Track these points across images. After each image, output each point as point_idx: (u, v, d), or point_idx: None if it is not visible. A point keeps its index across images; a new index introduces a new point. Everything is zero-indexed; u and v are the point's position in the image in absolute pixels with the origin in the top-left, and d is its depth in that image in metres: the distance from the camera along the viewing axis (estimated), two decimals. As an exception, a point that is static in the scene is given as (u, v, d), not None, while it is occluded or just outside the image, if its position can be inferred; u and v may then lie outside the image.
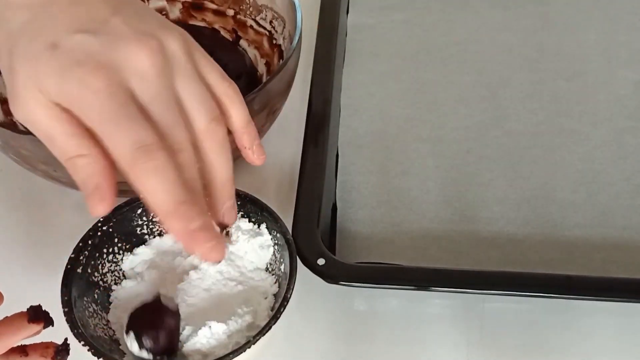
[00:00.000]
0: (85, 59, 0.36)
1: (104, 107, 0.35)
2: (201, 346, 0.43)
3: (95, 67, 0.36)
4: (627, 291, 0.47)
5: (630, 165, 0.57)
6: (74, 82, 0.36)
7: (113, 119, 0.36)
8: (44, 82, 0.36)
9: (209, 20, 0.66)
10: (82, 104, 0.36)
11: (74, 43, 0.36)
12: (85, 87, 0.36)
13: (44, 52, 0.36)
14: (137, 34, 0.38)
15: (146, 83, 0.37)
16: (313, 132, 0.57)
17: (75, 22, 0.37)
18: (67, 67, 0.36)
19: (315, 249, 0.49)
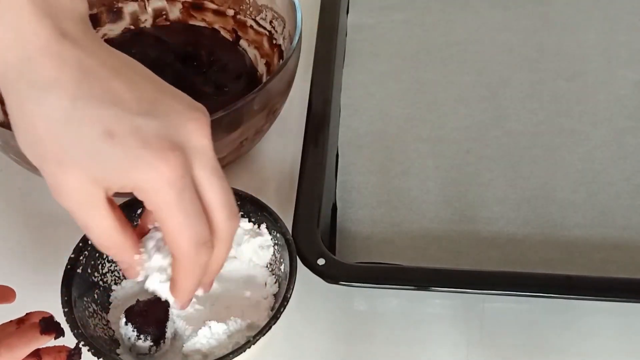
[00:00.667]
0: (151, 142, 0.34)
1: (177, 201, 0.35)
2: (201, 346, 0.43)
3: (165, 150, 0.35)
4: (627, 291, 0.47)
5: (630, 165, 0.57)
6: (144, 169, 0.34)
7: (184, 214, 0.36)
8: (106, 174, 0.35)
9: (209, 20, 0.66)
10: (151, 192, 0.35)
11: (131, 128, 0.34)
12: (158, 175, 0.35)
13: (101, 142, 0.34)
14: (187, 109, 0.37)
15: (207, 159, 0.36)
16: (313, 132, 0.57)
17: (123, 103, 0.35)
18: (133, 155, 0.34)
19: (315, 249, 0.49)
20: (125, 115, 0.34)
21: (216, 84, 0.62)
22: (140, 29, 0.67)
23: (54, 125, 0.34)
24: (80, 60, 0.35)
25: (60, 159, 0.35)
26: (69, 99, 0.34)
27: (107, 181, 0.35)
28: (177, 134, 0.35)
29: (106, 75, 0.35)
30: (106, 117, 0.34)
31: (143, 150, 0.34)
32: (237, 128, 0.51)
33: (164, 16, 0.67)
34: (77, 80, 0.34)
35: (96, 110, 0.34)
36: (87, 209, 0.36)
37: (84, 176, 0.35)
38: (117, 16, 0.67)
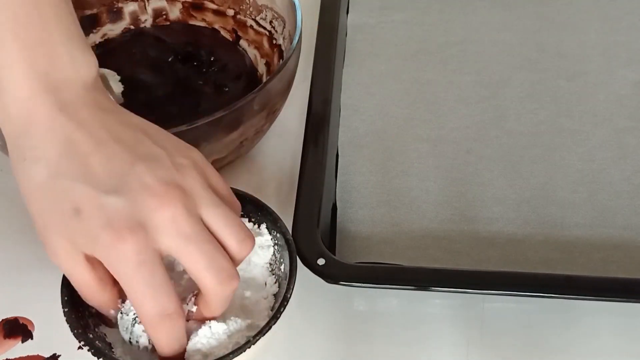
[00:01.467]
0: (112, 222, 0.37)
1: (134, 276, 0.38)
2: (201, 346, 0.43)
3: (123, 230, 0.37)
4: (627, 291, 0.47)
5: (630, 165, 0.57)
6: (103, 247, 0.37)
7: (141, 286, 0.38)
8: (75, 241, 0.38)
9: (209, 20, 0.66)
10: (112, 266, 0.38)
11: (96, 206, 0.37)
12: (115, 253, 0.37)
13: (69, 217, 0.38)
14: (156, 183, 0.38)
15: (176, 229, 0.38)
16: (313, 132, 0.57)
17: (94, 179, 0.38)
18: (94, 233, 0.37)
19: (315, 249, 0.49)
20: (93, 193, 0.37)
21: (216, 84, 0.62)
22: (140, 29, 0.67)
23: (38, 194, 0.39)
24: (68, 134, 0.38)
25: (44, 221, 0.39)
26: (49, 175, 0.38)
27: (79, 248, 0.38)
28: (139, 211, 0.38)
29: (87, 150, 0.38)
30: (76, 194, 0.38)
31: (103, 230, 0.37)
32: (237, 128, 0.51)
33: (164, 16, 0.67)
34: (59, 156, 0.38)
35: (68, 186, 0.38)
36: (69, 265, 0.39)
37: (61, 239, 0.38)
38: (117, 16, 0.67)
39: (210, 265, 0.39)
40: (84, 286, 0.40)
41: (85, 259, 0.39)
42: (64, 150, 0.38)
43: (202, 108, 0.60)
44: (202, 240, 0.39)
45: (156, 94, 0.61)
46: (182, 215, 0.38)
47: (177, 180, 0.39)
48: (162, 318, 0.39)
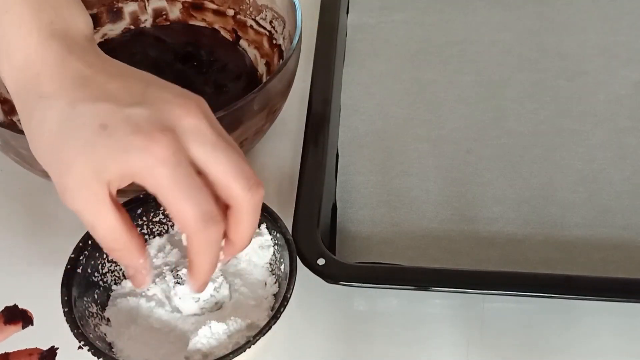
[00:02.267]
0: (141, 128, 0.36)
1: (173, 177, 0.36)
2: (201, 346, 0.43)
3: (155, 133, 0.36)
4: (627, 291, 0.47)
5: (630, 165, 0.57)
6: (136, 153, 0.36)
7: (182, 189, 0.37)
8: (104, 164, 0.36)
9: (209, 20, 0.66)
10: (147, 174, 0.36)
11: (122, 118, 0.37)
12: (150, 156, 0.36)
13: (96, 136, 0.36)
14: (176, 97, 0.38)
15: (203, 136, 0.38)
16: (313, 132, 0.57)
17: (115, 99, 0.37)
18: (125, 141, 0.36)
19: (315, 249, 0.49)
20: (117, 109, 0.37)
21: (216, 84, 0.62)
22: (140, 29, 0.67)
23: (56, 127, 0.37)
24: (81, 71, 0.39)
25: (63, 159, 0.37)
26: (68, 102, 0.37)
27: (107, 173, 0.36)
28: (167, 118, 0.37)
29: (102, 80, 0.38)
30: (100, 112, 0.37)
31: (133, 136, 0.36)
32: (237, 128, 0.51)
33: (164, 16, 0.67)
34: (76, 87, 0.38)
35: (91, 108, 0.37)
36: (92, 207, 0.37)
37: (86, 172, 0.37)
38: (117, 16, 0.67)
39: (238, 172, 0.38)
40: (110, 231, 0.38)
41: (111, 200, 0.37)
42: (79, 82, 0.38)
43: (202, 108, 0.60)
44: (227, 147, 0.38)
45: (156, 94, 0.61)
46: (206, 123, 0.38)
47: (194, 98, 0.39)
48: (206, 222, 0.37)
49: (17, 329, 0.37)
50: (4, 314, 0.37)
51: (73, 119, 0.37)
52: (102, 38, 0.66)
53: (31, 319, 0.38)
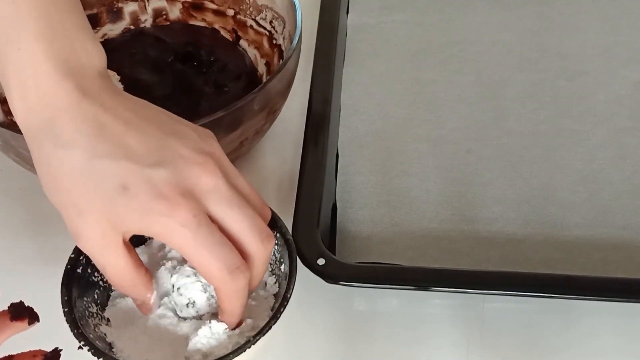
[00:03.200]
0: (163, 192, 0.38)
1: (195, 238, 0.38)
2: (201, 346, 0.43)
3: (176, 197, 0.38)
4: (627, 291, 0.47)
5: (630, 165, 0.57)
6: (159, 217, 0.38)
7: (206, 247, 0.38)
8: (123, 222, 0.38)
9: (209, 20, 0.66)
10: (170, 236, 0.39)
11: (143, 179, 0.38)
12: (173, 221, 0.38)
13: (117, 196, 0.38)
14: (194, 153, 0.40)
15: (220, 195, 0.39)
16: (313, 132, 0.57)
17: (134, 157, 0.38)
18: (146, 206, 0.38)
19: (315, 249, 0.49)
20: (137, 168, 0.38)
21: (216, 84, 0.62)
22: (140, 29, 0.67)
23: (75, 179, 0.38)
24: (97, 117, 0.38)
25: (81, 208, 0.38)
26: (87, 157, 0.38)
27: (125, 228, 0.39)
28: (186, 177, 0.39)
29: (120, 130, 0.39)
30: (120, 171, 0.38)
31: (156, 201, 0.38)
32: (237, 128, 0.51)
33: (164, 16, 0.67)
34: (93, 138, 0.38)
35: (111, 165, 0.38)
36: (104, 251, 0.39)
37: (104, 224, 0.38)
38: (117, 16, 0.67)
39: (253, 227, 0.40)
40: (120, 272, 0.40)
41: (123, 245, 0.39)
42: (96, 132, 0.38)
43: (202, 108, 0.60)
44: (242, 204, 0.40)
45: (156, 94, 0.61)
46: (223, 181, 0.39)
47: (208, 151, 0.40)
48: (232, 272, 0.39)
49: (24, 326, 0.37)
50: (10, 310, 0.37)
51: (93, 174, 0.38)
52: (102, 38, 0.66)
53: (37, 316, 0.38)
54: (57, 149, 0.38)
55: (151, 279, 0.43)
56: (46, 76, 0.38)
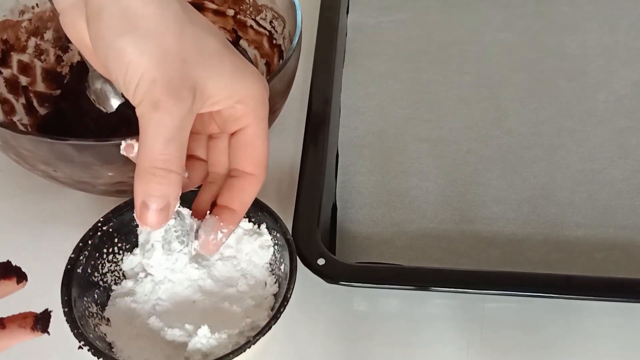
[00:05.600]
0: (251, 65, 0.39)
1: (265, 118, 0.40)
2: (201, 346, 0.43)
3: (260, 74, 0.40)
4: (627, 291, 0.47)
5: (630, 165, 0.57)
6: (253, 83, 0.39)
7: (266, 132, 0.41)
8: (217, 81, 0.37)
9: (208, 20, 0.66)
10: (253, 104, 0.39)
11: (234, 49, 0.39)
12: (261, 91, 0.39)
13: (218, 54, 0.37)
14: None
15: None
16: (313, 132, 0.57)
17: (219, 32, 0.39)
18: (243, 68, 0.38)
19: (315, 249, 0.49)
20: (226, 40, 0.38)
21: (216, 84, 0.62)
22: (140, 29, 0.67)
23: (170, 18, 0.35)
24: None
25: (184, 57, 0.35)
26: (181, 24, 0.36)
27: (211, 87, 0.36)
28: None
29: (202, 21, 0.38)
30: (216, 34, 0.38)
31: (251, 70, 0.38)
32: (237, 128, 0.51)
33: (164, 16, 0.67)
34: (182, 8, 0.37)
35: (206, 26, 0.37)
36: (180, 109, 0.35)
37: (190, 75, 0.36)
38: (117, 16, 0.67)
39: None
40: (178, 142, 0.36)
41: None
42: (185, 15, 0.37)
43: (202, 108, 0.60)
44: None
45: (156, 94, 0.61)
46: None
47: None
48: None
49: (13, 286, 0.36)
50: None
51: (192, 32, 0.36)
52: (102, 38, 0.66)
53: (25, 275, 0.37)
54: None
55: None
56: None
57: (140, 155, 0.36)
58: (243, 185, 0.40)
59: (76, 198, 0.57)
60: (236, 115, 0.38)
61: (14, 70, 0.60)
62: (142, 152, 0.35)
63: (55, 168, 0.50)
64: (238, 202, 0.40)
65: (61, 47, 0.64)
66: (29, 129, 0.59)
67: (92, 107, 0.60)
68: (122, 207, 0.48)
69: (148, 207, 0.37)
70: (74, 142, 0.48)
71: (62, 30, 0.63)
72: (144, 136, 0.35)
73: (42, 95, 0.62)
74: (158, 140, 0.35)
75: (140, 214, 0.37)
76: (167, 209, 0.37)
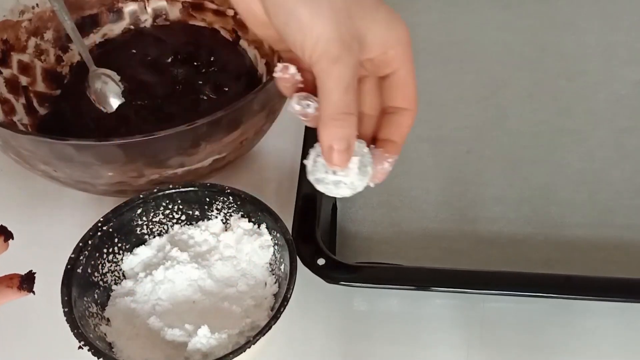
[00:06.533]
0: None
1: (412, 57, 0.43)
2: (201, 346, 0.43)
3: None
4: (627, 291, 0.47)
5: (630, 165, 0.57)
6: (404, 28, 0.43)
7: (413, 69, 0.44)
8: (377, 31, 0.41)
9: (209, 20, 0.66)
10: (404, 47, 0.43)
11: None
12: (408, 34, 0.43)
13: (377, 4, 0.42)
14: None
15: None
16: (313, 132, 0.57)
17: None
18: (395, 16, 0.42)
19: (315, 249, 0.49)
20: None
21: (216, 84, 0.62)
22: (140, 29, 0.67)
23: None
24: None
25: (349, 12, 0.39)
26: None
27: (369, 38, 0.40)
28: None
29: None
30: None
31: (397, 15, 0.42)
32: (237, 128, 0.51)
33: (164, 16, 0.67)
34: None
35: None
36: (352, 58, 0.39)
37: (354, 28, 0.39)
38: (117, 16, 0.67)
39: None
40: (353, 87, 0.40)
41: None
42: None
43: (202, 108, 0.60)
44: None
45: (156, 94, 0.61)
46: None
47: None
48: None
49: (0, 245, 0.38)
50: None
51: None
52: (102, 38, 0.66)
53: (11, 234, 0.39)
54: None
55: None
56: None
57: (323, 106, 0.40)
58: (400, 120, 0.44)
59: (76, 198, 0.57)
60: (387, 60, 0.42)
61: (14, 70, 0.60)
62: (325, 102, 0.40)
63: (55, 168, 0.50)
64: (398, 135, 0.44)
65: (61, 47, 0.64)
66: (29, 129, 0.59)
67: (92, 107, 0.60)
68: (122, 207, 0.48)
69: (334, 149, 0.41)
70: (74, 142, 0.48)
71: (62, 30, 0.63)
72: (325, 88, 0.39)
73: (42, 95, 0.62)
74: (339, 89, 0.39)
75: (328, 157, 0.41)
76: (350, 148, 0.42)
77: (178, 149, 0.50)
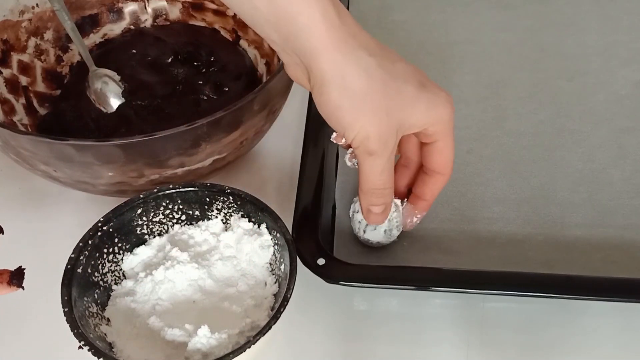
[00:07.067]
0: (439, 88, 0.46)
1: (452, 131, 0.47)
2: (201, 346, 0.43)
3: (450, 99, 0.46)
4: (627, 291, 0.47)
5: (630, 165, 0.57)
6: (444, 106, 0.45)
7: (452, 143, 0.47)
8: (413, 115, 0.44)
9: (209, 20, 0.66)
10: (445, 124, 0.46)
11: (427, 79, 0.46)
12: (450, 111, 0.46)
13: (417, 91, 0.44)
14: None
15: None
16: (313, 132, 0.57)
17: (409, 63, 0.46)
18: (437, 96, 0.45)
19: (315, 249, 0.49)
20: (419, 71, 0.45)
21: (216, 84, 0.62)
22: (140, 29, 0.67)
23: (376, 81, 0.43)
24: (368, 43, 0.44)
25: (388, 110, 0.43)
26: (383, 60, 0.44)
27: (409, 123, 0.44)
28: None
29: (388, 55, 0.45)
30: (411, 72, 0.45)
31: (441, 97, 0.45)
32: (237, 128, 0.51)
33: (164, 16, 0.67)
34: (377, 50, 0.44)
35: (407, 67, 0.45)
36: (387, 151, 0.44)
37: (392, 123, 0.43)
38: (117, 16, 0.67)
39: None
40: (390, 168, 0.45)
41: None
42: (377, 49, 0.44)
43: (202, 108, 0.60)
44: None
45: (156, 94, 0.61)
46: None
47: None
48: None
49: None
50: None
51: (392, 77, 0.43)
52: (102, 38, 0.66)
53: (1, 228, 0.40)
54: (355, 53, 0.43)
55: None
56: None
57: (361, 181, 0.46)
58: (433, 182, 0.49)
59: (76, 198, 0.57)
60: (428, 134, 0.46)
61: (14, 70, 0.60)
62: (362, 179, 0.46)
63: (55, 168, 0.50)
64: (429, 194, 0.50)
65: (61, 47, 0.64)
66: (29, 129, 0.59)
67: (92, 107, 0.60)
68: (122, 207, 0.48)
69: (372, 212, 0.48)
70: (74, 142, 0.48)
71: (62, 30, 0.63)
72: (362, 170, 0.45)
73: (42, 95, 0.62)
74: (373, 173, 0.45)
75: (367, 217, 0.48)
76: (386, 211, 0.48)
77: (178, 149, 0.50)
